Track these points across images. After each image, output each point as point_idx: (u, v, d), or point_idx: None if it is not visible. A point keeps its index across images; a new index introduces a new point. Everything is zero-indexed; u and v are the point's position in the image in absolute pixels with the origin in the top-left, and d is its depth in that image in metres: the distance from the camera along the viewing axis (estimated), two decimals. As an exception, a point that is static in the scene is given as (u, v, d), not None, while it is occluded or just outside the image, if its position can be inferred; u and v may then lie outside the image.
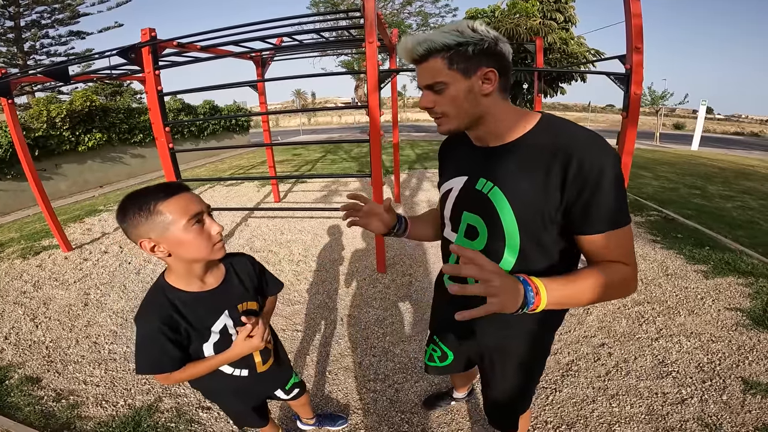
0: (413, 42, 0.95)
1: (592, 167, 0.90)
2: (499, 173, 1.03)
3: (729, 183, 8.16)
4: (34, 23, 16.71)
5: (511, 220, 1.01)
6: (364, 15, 2.95)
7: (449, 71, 0.95)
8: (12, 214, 7.92)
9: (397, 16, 18.70)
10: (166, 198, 1.03)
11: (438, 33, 0.94)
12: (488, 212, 1.05)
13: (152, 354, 1.12)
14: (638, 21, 2.65)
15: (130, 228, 1.04)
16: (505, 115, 1.02)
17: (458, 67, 0.94)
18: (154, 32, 3.27)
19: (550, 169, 0.94)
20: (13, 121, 4.23)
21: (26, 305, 3.60)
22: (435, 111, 1.02)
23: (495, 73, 0.96)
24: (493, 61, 0.95)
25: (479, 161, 1.09)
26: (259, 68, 5.54)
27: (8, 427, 2.17)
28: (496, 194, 1.02)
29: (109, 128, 10.39)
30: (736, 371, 2.40)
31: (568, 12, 9.66)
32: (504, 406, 1.43)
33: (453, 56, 0.93)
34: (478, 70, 0.95)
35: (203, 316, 1.19)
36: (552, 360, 2.57)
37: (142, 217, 1.01)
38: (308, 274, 3.99)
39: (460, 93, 0.97)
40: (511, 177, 1.01)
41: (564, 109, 48.99)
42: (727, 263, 3.82)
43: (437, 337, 1.54)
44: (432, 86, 0.99)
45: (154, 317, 1.11)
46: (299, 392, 1.71)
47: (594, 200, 0.91)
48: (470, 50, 0.92)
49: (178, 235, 1.04)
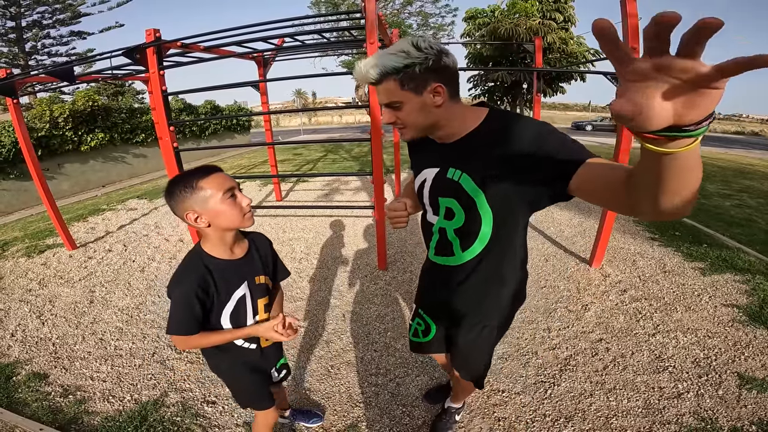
0: (366, 67, 1.06)
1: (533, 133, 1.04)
2: (464, 162, 1.17)
3: (728, 181, 8.19)
4: (35, 23, 16.75)
5: (481, 199, 1.15)
6: (366, 16, 2.99)
7: (402, 92, 1.07)
8: (15, 213, 7.98)
9: (398, 16, 18.71)
10: (205, 176, 1.23)
11: (387, 56, 1.04)
12: (461, 195, 1.18)
13: (184, 315, 1.26)
14: (634, 21, 2.69)
15: (177, 203, 1.22)
16: (458, 116, 1.16)
17: (409, 87, 1.06)
18: (158, 33, 3.30)
19: (503, 148, 1.08)
20: (18, 120, 4.27)
21: (32, 303, 3.64)
22: (397, 123, 1.16)
23: (443, 87, 1.08)
24: (439, 76, 1.06)
25: (446, 154, 1.22)
26: (261, 68, 5.58)
27: (16, 423, 2.19)
28: (465, 180, 1.17)
29: (112, 128, 10.46)
30: (732, 366, 2.44)
31: (568, 12, 9.67)
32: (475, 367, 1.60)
33: (403, 78, 1.04)
34: (427, 87, 1.06)
35: (230, 281, 1.35)
36: (550, 355, 2.62)
37: (187, 192, 1.21)
38: (310, 272, 4.03)
39: (414, 108, 1.10)
40: (474, 163, 1.15)
41: (564, 108, 48.95)
42: (725, 260, 3.86)
43: (422, 310, 1.68)
44: (390, 105, 1.12)
45: (192, 279, 1.27)
46: (287, 373, 1.78)
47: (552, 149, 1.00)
48: (417, 70, 1.03)
49: (216, 207, 1.23)
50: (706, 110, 0.52)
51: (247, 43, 4.20)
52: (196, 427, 2.15)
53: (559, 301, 3.28)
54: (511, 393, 2.31)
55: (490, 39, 9.64)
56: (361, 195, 7.13)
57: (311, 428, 2.13)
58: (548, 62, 9.23)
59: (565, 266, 3.93)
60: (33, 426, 2.18)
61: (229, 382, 1.61)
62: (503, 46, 9.58)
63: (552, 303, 3.25)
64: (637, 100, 0.52)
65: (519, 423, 2.10)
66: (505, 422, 2.11)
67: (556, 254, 4.24)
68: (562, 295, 3.37)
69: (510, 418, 2.14)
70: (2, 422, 2.22)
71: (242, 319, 1.41)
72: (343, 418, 2.20)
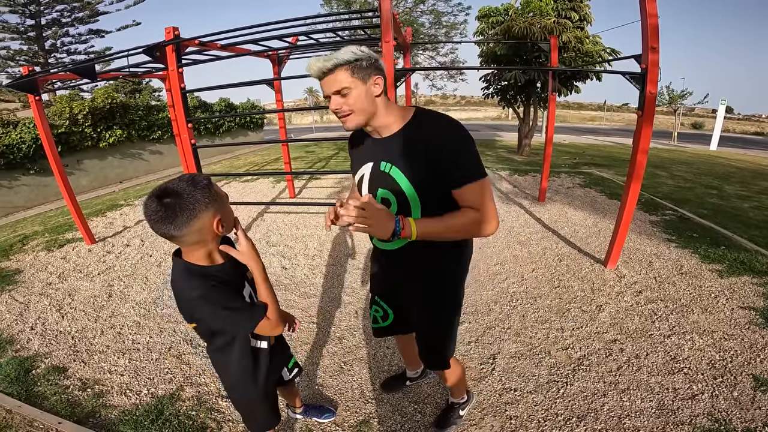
0: (323, 60, 1.26)
1: (442, 141, 1.29)
2: (394, 156, 1.38)
3: (746, 183, 8.06)
4: (54, 21, 17.04)
5: (409, 188, 1.35)
6: (381, 14, 3.00)
7: (352, 78, 1.27)
8: (35, 208, 8.16)
9: (410, 14, 18.63)
10: (210, 182, 1.19)
11: (339, 53, 1.26)
12: (393, 186, 1.38)
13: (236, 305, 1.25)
14: (654, 20, 2.67)
15: (202, 216, 1.14)
16: (389, 111, 1.38)
17: (358, 76, 1.27)
18: (177, 31, 3.35)
19: (422, 147, 1.31)
20: (41, 117, 4.36)
21: (52, 296, 3.71)
22: (343, 110, 1.31)
23: (382, 79, 1.33)
24: (379, 71, 1.32)
25: (379, 149, 1.43)
26: (276, 66, 5.63)
27: (35, 417, 2.20)
28: (395, 172, 1.37)
29: (129, 125, 10.63)
30: (747, 369, 2.41)
31: (584, 10, 9.54)
32: (430, 347, 1.75)
33: (354, 68, 1.26)
34: (371, 78, 1.30)
35: (236, 281, 1.32)
36: (563, 354, 2.61)
37: (210, 197, 1.15)
38: (323, 268, 4.07)
39: (361, 94, 1.29)
40: (402, 157, 1.36)
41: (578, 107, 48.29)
42: (742, 263, 3.80)
43: (378, 298, 1.85)
44: (340, 91, 1.29)
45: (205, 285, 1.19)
46: (298, 371, 1.79)
47: (448, 163, 1.28)
48: (364, 63, 1.27)
49: (228, 210, 1.24)
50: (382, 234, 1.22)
51: (262, 41, 4.24)
52: (211, 421, 2.17)
53: (572, 301, 3.27)
54: (523, 392, 2.31)
55: (504, 38, 9.55)
56: (373, 193, 7.11)
57: (324, 423, 2.15)
58: (563, 61, 9.13)
59: (579, 266, 3.90)
60: (51, 420, 2.18)
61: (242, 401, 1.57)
62: (517, 45, 9.48)
63: (565, 303, 3.24)
64: None
65: (531, 422, 2.10)
66: (517, 420, 2.11)
67: (570, 254, 4.21)
68: (576, 296, 3.35)
69: (522, 416, 2.14)
70: (21, 416, 2.23)
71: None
72: (355, 414, 2.21)
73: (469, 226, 1.33)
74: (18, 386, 2.48)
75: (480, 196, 1.31)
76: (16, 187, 8.16)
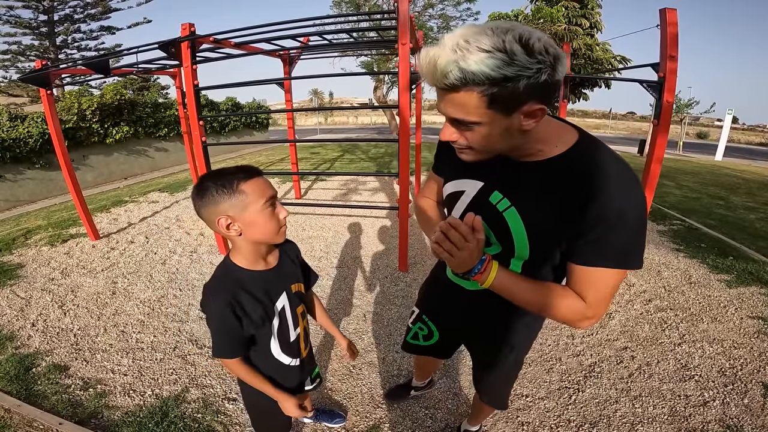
0: (443, 63, 0.72)
1: (612, 212, 0.83)
2: (520, 193, 0.96)
3: (753, 194, 8.04)
4: (66, 17, 17.09)
5: (522, 240, 0.98)
6: (398, 16, 3.00)
7: (486, 110, 0.76)
8: (39, 202, 8.17)
9: (419, 18, 18.64)
10: (247, 179, 1.09)
11: (476, 55, 0.69)
12: (501, 229, 1.00)
13: (221, 337, 1.18)
14: (674, 29, 2.66)
15: (209, 205, 1.08)
16: (540, 136, 0.89)
17: (497, 107, 0.76)
18: (193, 27, 3.33)
19: (574, 205, 0.86)
20: (51, 111, 4.35)
21: (54, 292, 3.63)
22: (459, 144, 0.90)
23: (544, 110, 0.78)
24: (544, 95, 0.75)
25: (498, 170, 0.98)
26: (287, 66, 5.61)
27: (35, 417, 2.13)
28: (512, 215, 0.97)
29: (136, 122, 10.67)
30: (757, 376, 2.43)
31: (594, 18, 9.57)
32: (501, 386, 1.55)
33: (494, 94, 0.73)
34: (522, 107, 0.76)
35: (269, 290, 1.25)
36: (575, 361, 2.59)
37: (225, 194, 1.06)
38: (330, 271, 4.04)
39: (494, 132, 0.82)
40: (532, 199, 0.94)
41: (583, 115, 48.40)
42: (751, 273, 3.80)
43: (426, 317, 1.59)
44: (459, 121, 0.82)
45: (221, 299, 1.15)
46: (319, 381, 1.75)
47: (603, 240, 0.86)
48: (520, 85, 0.71)
49: (254, 216, 1.10)
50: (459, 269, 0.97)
51: (275, 41, 4.24)
52: (217, 424, 2.12)
53: (581, 308, 3.24)
54: (535, 398, 2.29)
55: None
56: (379, 195, 7.13)
57: (334, 428, 2.11)
58: (572, 68, 9.15)
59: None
60: (52, 420, 2.11)
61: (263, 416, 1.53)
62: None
63: (575, 310, 3.21)
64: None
65: (543, 428, 2.08)
66: (529, 427, 2.09)
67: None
68: (585, 303, 3.32)
69: (534, 422, 2.12)
70: (20, 416, 2.15)
71: (286, 333, 1.33)
72: (365, 418, 2.19)
73: (563, 312, 0.95)
74: (18, 384, 2.42)
75: (605, 288, 0.91)
76: (20, 180, 8.16)
